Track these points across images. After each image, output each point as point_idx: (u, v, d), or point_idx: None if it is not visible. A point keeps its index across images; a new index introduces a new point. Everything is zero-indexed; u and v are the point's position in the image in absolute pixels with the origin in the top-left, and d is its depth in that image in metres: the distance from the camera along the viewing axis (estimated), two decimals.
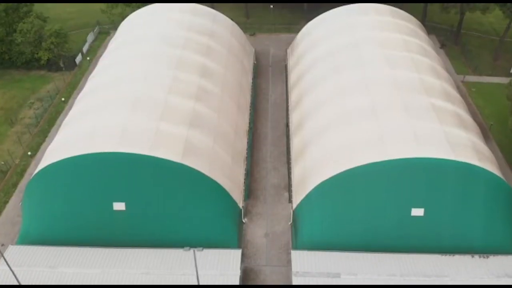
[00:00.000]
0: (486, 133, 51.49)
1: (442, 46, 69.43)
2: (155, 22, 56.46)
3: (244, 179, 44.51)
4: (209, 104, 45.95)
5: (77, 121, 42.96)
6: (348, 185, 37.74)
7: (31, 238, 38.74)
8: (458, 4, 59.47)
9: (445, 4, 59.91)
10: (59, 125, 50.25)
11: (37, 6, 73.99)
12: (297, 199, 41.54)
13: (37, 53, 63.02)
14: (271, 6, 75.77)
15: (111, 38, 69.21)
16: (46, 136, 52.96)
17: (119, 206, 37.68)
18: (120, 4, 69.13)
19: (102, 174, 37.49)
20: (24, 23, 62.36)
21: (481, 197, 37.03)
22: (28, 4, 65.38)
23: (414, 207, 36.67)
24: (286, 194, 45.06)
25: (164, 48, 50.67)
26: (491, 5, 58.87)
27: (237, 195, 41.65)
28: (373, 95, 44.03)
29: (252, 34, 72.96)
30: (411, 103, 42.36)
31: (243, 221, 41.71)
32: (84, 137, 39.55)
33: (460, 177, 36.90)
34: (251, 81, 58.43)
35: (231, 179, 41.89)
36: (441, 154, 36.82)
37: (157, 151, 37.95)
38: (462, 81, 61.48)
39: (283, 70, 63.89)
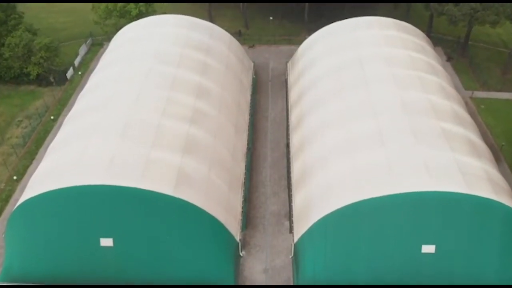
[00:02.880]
0: (497, 155, 48.82)
1: (449, 59, 66.72)
2: (149, 37, 53.72)
3: (242, 207, 41.80)
4: (205, 127, 43.25)
5: (64, 147, 40.20)
6: (354, 219, 35.01)
7: (14, 274, 36.33)
8: (467, 18, 56.78)
9: (453, 18, 57.22)
10: (47, 146, 47.55)
11: (28, 17, 71.48)
12: (298, 230, 38.82)
13: (26, 68, 60.32)
14: (271, 18, 73.20)
15: (104, 50, 66.55)
16: (33, 158, 50.21)
17: (106, 242, 35.06)
18: (113, 15, 66.43)
19: (88, 208, 34.82)
20: (12, 37, 59.69)
21: (497, 233, 34.34)
22: (17, 16, 62.68)
23: (425, 243, 34.07)
24: (287, 223, 42.33)
25: (158, 66, 47.94)
26: (502, 18, 56.31)
27: (234, 227, 38.93)
28: (380, 119, 41.31)
29: (251, 46, 70.30)
30: (420, 128, 39.64)
31: (241, 254, 39.00)
32: (70, 166, 36.80)
33: (474, 212, 34.23)
34: (250, 98, 55.73)
35: (227, 209, 39.19)
36: (454, 187, 34.10)
37: (147, 182, 35.20)
38: (471, 97, 58.80)
39: (283, 85, 61.19)
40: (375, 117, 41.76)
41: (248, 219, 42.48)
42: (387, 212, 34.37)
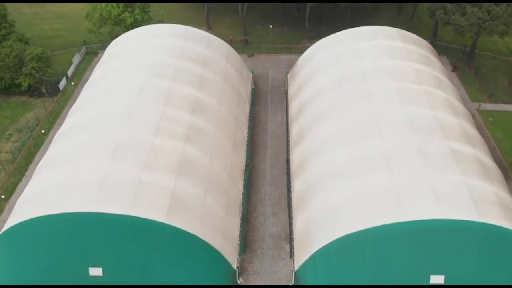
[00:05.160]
0: (506, 172, 46.79)
1: (454, 69, 64.66)
2: (144, 48, 51.57)
3: (240, 230, 39.72)
4: (201, 146, 41.16)
5: (52, 168, 38.08)
6: (359, 248, 32.87)
7: None
8: (474, 28, 54.63)
9: (460, 28, 55.11)
10: (37, 162, 45.70)
11: (21, 24, 69.70)
12: (299, 257, 36.76)
13: (17, 79, 58.17)
14: (271, 26, 71.17)
15: (98, 59, 64.60)
16: (22, 175, 48.10)
17: (95, 271, 33.15)
18: (108, 23, 64.32)
19: (76, 236, 32.76)
20: (3, 47, 57.61)
21: (510, 263, 32.34)
22: (7, 25, 60.67)
23: (434, 274, 32.14)
24: (287, 247, 40.26)
25: (152, 79, 45.82)
26: (511, 29, 54.22)
27: (231, 254, 36.84)
28: (385, 137, 39.25)
29: (250, 55, 68.20)
30: (428, 148, 37.56)
31: (238, 281, 36.93)
32: (57, 190, 34.63)
33: (486, 240, 32.14)
34: (249, 111, 53.63)
35: (224, 234, 37.10)
36: (465, 215, 32.04)
37: (139, 209, 33.08)
38: (478, 110, 56.73)
39: (283, 96, 59.16)
40: (380, 136, 39.72)
41: (246, 242, 40.44)
42: (394, 241, 32.28)
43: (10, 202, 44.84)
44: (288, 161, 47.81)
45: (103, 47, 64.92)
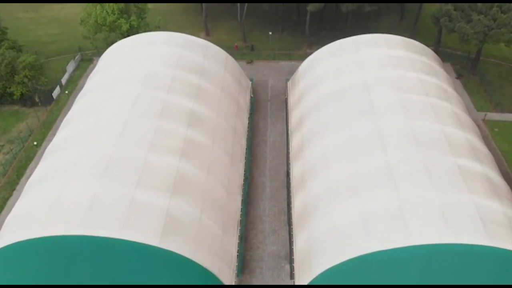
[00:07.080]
0: None
1: (459, 76, 62.98)
2: (140, 57, 49.85)
3: (238, 249, 38.09)
4: (197, 161, 39.53)
5: (41, 186, 36.45)
6: (364, 273, 31.21)
7: None
8: (480, 36, 52.92)
9: (465, 37, 53.39)
10: (29, 175, 44.08)
11: (16, 29, 68.12)
12: (300, 279, 35.11)
13: (10, 87, 56.56)
14: (270, 33, 69.48)
15: (94, 66, 63.09)
16: (13, 189, 46.57)
17: None
18: (103, 29, 62.64)
19: (65, 260, 31.03)
20: None
21: None
22: None
23: None
24: (287, 267, 38.69)
25: (147, 90, 44.16)
26: None
27: (229, 276, 35.20)
28: (389, 153, 37.59)
29: (249, 62, 66.51)
30: (434, 165, 35.91)
31: None
32: (46, 211, 33.04)
33: (496, 265, 30.49)
34: (247, 121, 51.94)
35: (221, 256, 35.46)
36: (474, 239, 30.46)
37: (131, 232, 31.50)
38: (483, 120, 55.04)
39: (283, 105, 57.57)
40: (384, 151, 38.06)
41: (244, 262, 38.89)
42: (400, 267, 30.61)
43: (0, 218, 43.23)
44: (288, 174, 46.21)
45: (99, 53, 63.36)
